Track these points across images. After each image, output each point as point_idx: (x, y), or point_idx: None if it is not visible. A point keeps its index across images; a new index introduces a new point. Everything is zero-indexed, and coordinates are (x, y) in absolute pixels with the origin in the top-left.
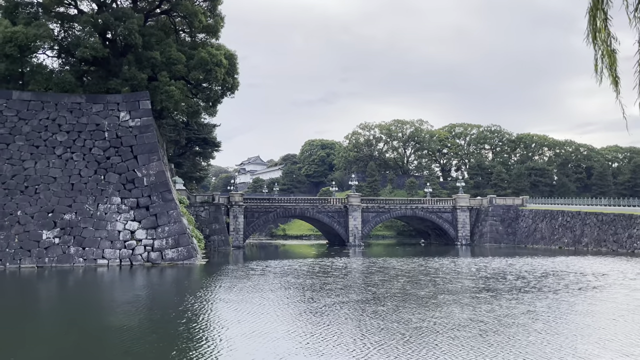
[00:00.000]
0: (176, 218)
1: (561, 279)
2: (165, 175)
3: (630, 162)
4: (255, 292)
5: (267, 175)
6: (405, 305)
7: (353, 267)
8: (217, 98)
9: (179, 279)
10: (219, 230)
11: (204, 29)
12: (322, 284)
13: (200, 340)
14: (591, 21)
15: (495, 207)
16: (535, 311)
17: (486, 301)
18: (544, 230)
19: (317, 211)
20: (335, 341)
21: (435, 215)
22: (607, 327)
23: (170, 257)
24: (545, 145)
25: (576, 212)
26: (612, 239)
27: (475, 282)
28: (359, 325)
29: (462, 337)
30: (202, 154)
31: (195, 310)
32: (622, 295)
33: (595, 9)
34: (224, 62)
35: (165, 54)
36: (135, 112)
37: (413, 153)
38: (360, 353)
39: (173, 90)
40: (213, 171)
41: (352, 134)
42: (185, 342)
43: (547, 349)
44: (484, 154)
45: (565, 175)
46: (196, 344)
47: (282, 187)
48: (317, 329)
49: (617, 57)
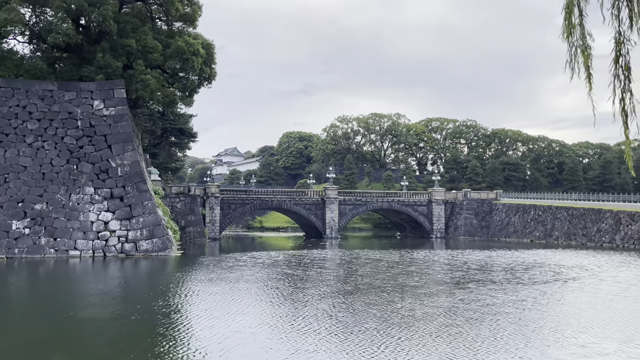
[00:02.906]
0: (151, 209)
1: (538, 271)
2: (140, 166)
3: (600, 158)
4: (230, 284)
5: (244, 166)
6: (372, 298)
7: (329, 259)
8: (193, 88)
9: (152, 270)
10: (195, 222)
11: (180, 17)
12: (299, 276)
13: (171, 334)
14: (567, 17)
15: (469, 200)
16: (519, 301)
17: (469, 290)
18: (516, 224)
19: (294, 203)
20: (312, 333)
21: (411, 209)
22: (587, 314)
23: (145, 248)
24: (519, 140)
25: (548, 207)
26: (582, 233)
27: (453, 274)
28: (336, 317)
29: (449, 325)
30: (178, 144)
31: (168, 302)
32: (605, 285)
33: (571, 6)
34: (201, 52)
35: (141, 42)
36: (109, 101)
37: (390, 146)
38: (339, 347)
39: (149, 79)
40: (189, 162)
41: (330, 127)
42: (156, 335)
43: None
44: (460, 148)
45: (537, 170)
46: (166, 338)
47: (260, 179)
48: (295, 322)
49: (591, 53)
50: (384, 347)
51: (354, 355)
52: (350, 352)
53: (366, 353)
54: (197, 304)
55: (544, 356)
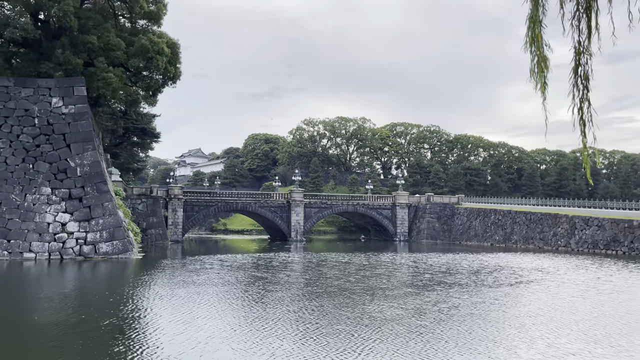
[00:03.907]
0: (111, 210)
1: (501, 273)
2: (101, 166)
3: (557, 164)
4: (198, 287)
5: (209, 168)
6: (338, 300)
7: (297, 261)
8: (157, 87)
9: (113, 273)
10: (157, 224)
11: (145, 15)
12: (268, 279)
13: (128, 339)
14: (531, 27)
15: (432, 204)
16: (484, 302)
17: (436, 292)
18: (477, 228)
19: (259, 206)
20: (286, 335)
21: (376, 212)
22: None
23: (104, 250)
24: (480, 146)
25: (507, 211)
26: (539, 237)
27: (420, 276)
28: (308, 319)
29: (419, 326)
30: (141, 144)
31: (134, 307)
32: (565, 287)
33: (535, 16)
34: (166, 51)
35: (103, 39)
36: (69, 99)
37: (356, 150)
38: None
39: (111, 77)
40: (152, 163)
41: (296, 130)
42: (123, 343)
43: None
44: (423, 153)
45: (498, 176)
46: (135, 345)
47: (224, 181)
48: (268, 325)
49: (548, 64)
50: (357, 349)
51: (328, 357)
52: (324, 354)
53: (340, 354)
54: (165, 308)
55: (513, 356)
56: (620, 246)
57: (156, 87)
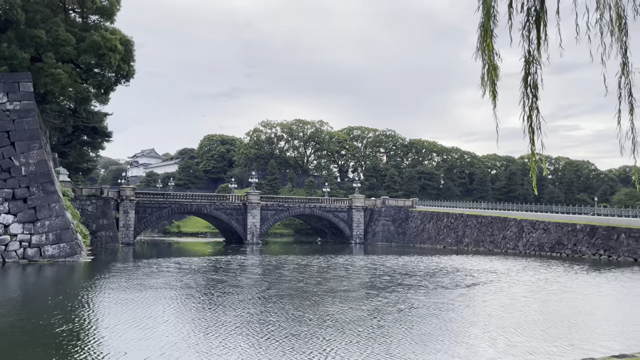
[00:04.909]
0: (58, 212)
1: (456, 275)
2: (48, 165)
3: (506, 169)
4: (149, 291)
5: (162, 169)
6: (298, 302)
7: (256, 264)
8: (110, 85)
9: (61, 278)
10: (107, 226)
11: (97, 10)
12: (228, 282)
13: (89, 345)
14: (482, 35)
15: (387, 207)
16: (443, 303)
17: (395, 294)
18: (430, 231)
19: (214, 208)
20: (251, 338)
21: (332, 215)
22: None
23: (51, 253)
24: (434, 151)
25: (459, 214)
26: (489, 240)
27: (379, 278)
28: (271, 322)
29: (380, 327)
30: (91, 143)
31: (84, 312)
32: (518, 288)
33: (487, 25)
34: (119, 48)
35: (52, 33)
36: (14, 95)
37: (313, 153)
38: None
39: (60, 74)
40: (102, 163)
41: (253, 131)
42: (73, 348)
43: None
44: (379, 157)
45: (451, 180)
46: (85, 350)
47: (178, 182)
48: (232, 328)
49: (499, 72)
50: (321, 350)
51: (293, 359)
52: (289, 356)
53: (304, 356)
54: (125, 313)
55: (475, 355)
56: (564, 249)
57: (108, 85)
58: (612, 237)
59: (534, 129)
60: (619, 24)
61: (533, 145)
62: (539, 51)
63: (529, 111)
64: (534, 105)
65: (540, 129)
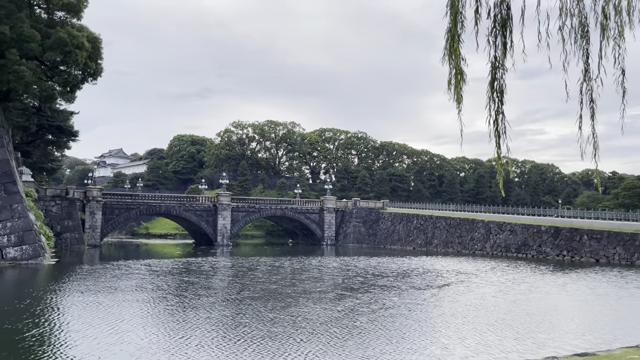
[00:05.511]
0: (21, 213)
1: (427, 276)
2: (10, 165)
3: (475, 172)
4: (119, 294)
5: (131, 169)
6: (271, 304)
7: (228, 266)
8: (76, 83)
9: (20, 280)
10: (73, 228)
11: (63, 6)
12: (200, 284)
13: (60, 350)
14: (449, 41)
15: (358, 209)
16: (416, 303)
17: (368, 294)
18: (400, 232)
19: (184, 209)
20: (228, 340)
21: (304, 216)
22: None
23: (13, 256)
24: (405, 153)
25: (429, 216)
26: (458, 241)
27: (352, 279)
28: (246, 324)
29: (355, 327)
30: (56, 143)
31: (52, 316)
32: (487, 288)
33: (453, 31)
34: (86, 45)
35: (15, 29)
36: None
37: (285, 154)
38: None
39: (23, 71)
40: (68, 163)
41: (224, 132)
42: (43, 352)
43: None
44: (351, 158)
45: (421, 182)
46: (55, 355)
47: (147, 183)
48: (208, 331)
49: (465, 77)
50: (295, 350)
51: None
52: (263, 356)
53: (278, 357)
54: (95, 317)
55: (448, 353)
56: (529, 250)
57: (75, 83)
58: (575, 238)
59: (500, 133)
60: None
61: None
62: (504, 57)
63: (495, 115)
64: (500, 110)
65: (505, 132)
